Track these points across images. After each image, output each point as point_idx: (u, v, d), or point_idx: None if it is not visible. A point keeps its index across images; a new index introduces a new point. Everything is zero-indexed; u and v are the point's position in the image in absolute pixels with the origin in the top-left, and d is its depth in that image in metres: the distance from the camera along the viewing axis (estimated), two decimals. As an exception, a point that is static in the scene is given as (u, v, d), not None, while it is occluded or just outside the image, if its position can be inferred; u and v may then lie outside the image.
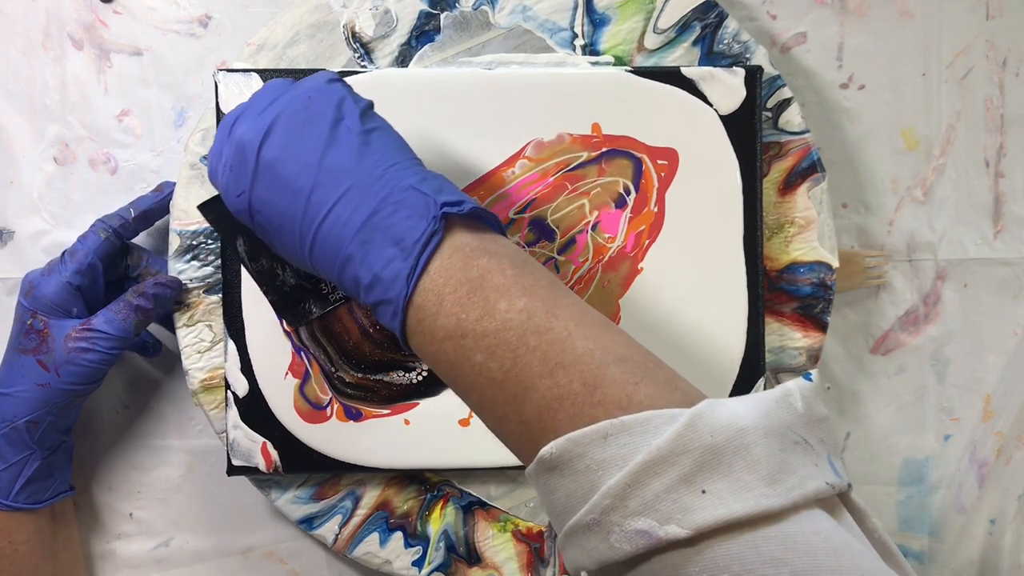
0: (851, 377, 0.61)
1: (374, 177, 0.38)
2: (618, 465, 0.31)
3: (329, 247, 0.38)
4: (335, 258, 0.38)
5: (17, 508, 0.51)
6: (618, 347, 0.34)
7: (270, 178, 0.39)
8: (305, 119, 0.39)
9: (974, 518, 0.61)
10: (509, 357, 0.34)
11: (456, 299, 0.36)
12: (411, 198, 0.37)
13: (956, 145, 0.60)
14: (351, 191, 0.38)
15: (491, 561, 0.56)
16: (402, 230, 0.37)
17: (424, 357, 0.38)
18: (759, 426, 0.30)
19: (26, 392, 0.50)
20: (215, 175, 0.41)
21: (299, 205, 0.38)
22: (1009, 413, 0.61)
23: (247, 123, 0.40)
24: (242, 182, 0.39)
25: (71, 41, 0.58)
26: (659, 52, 0.56)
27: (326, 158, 0.38)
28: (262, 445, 0.54)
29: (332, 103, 0.40)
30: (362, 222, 0.37)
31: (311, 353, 0.54)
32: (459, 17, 0.55)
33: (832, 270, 0.56)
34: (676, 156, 0.54)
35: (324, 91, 0.40)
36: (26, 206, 0.58)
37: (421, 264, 0.36)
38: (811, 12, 0.59)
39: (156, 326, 0.58)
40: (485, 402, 0.36)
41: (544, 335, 0.34)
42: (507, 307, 0.35)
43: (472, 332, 0.35)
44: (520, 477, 0.57)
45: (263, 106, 0.40)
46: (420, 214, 0.37)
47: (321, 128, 0.39)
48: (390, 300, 0.37)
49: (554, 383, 0.33)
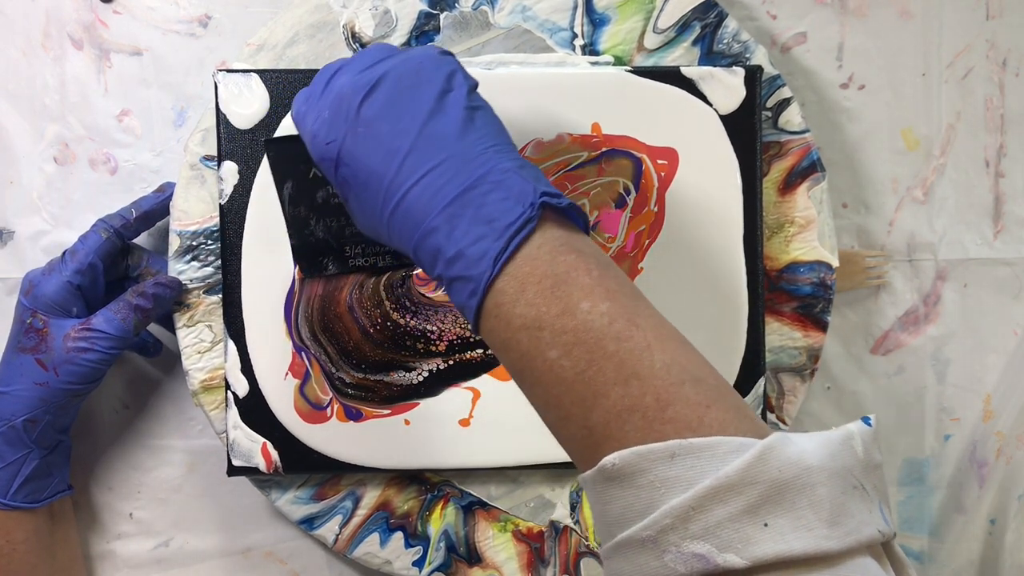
0: (851, 377, 0.61)
1: (474, 153, 0.37)
2: (682, 486, 0.31)
3: (414, 213, 0.37)
4: (418, 225, 0.37)
5: (15, 507, 0.51)
6: (693, 366, 0.34)
7: (367, 133, 0.38)
8: (413, 83, 0.39)
9: (974, 518, 0.61)
10: (585, 359, 0.34)
11: (539, 290, 0.35)
12: (510, 180, 0.37)
13: (956, 145, 0.60)
14: (448, 162, 0.37)
15: (491, 561, 0.56)
16: (496, 211, 0.36)
17: (493, 342, 0.37)
18: (825, 467, 0.31)
19: (24, 391, 0.50)
20: (302, 119, 0.41)
21: (391, 165, 0.38)
22: (1009, 413, 0.61)
23: (350, 75, 0.39)
24: (335, 131, 0.39)
25: (71, 41, 0.58)
26: (659, 52, 0.56)
27: (429, 125, 0.38)
28: (262, 445, 0.54)
29: (443, 73, 0.39)
30: (455, 195, 0.36)
31: (311, 353, 0.54)
32: (459, 17, 0.55)
33: (832, 269, 0.56)
34: (676, 156, 0.54)
35: (436, 60, 0.40)
36: (26, 206, 0.58)
37: (512, 248, 0.35)
38: (811, 12, 0.59)
39: (156, 326, 0.58)
40: (550, 398, 0.35)
41: (623, 342, 0.34)
42: (589, 307, 0.34)
43: (550, 327, 0.34)
44: (520, 477, 0.57)
45: (369, 63, 0.40)
46: (517, 198, 0.36)
47: (428, 95, 0.38)
48: (471, 278, 0.36)
49: (627, 393, 0.33)
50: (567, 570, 0.57)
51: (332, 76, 0.41)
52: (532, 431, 0.54)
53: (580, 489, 0.57)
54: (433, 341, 0.54)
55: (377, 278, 0.54)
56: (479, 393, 0.54)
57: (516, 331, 0.35)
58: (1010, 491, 0.61)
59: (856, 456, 0.32)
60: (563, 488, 0.57)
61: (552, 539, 0.57)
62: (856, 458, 0.32)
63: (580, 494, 0.57)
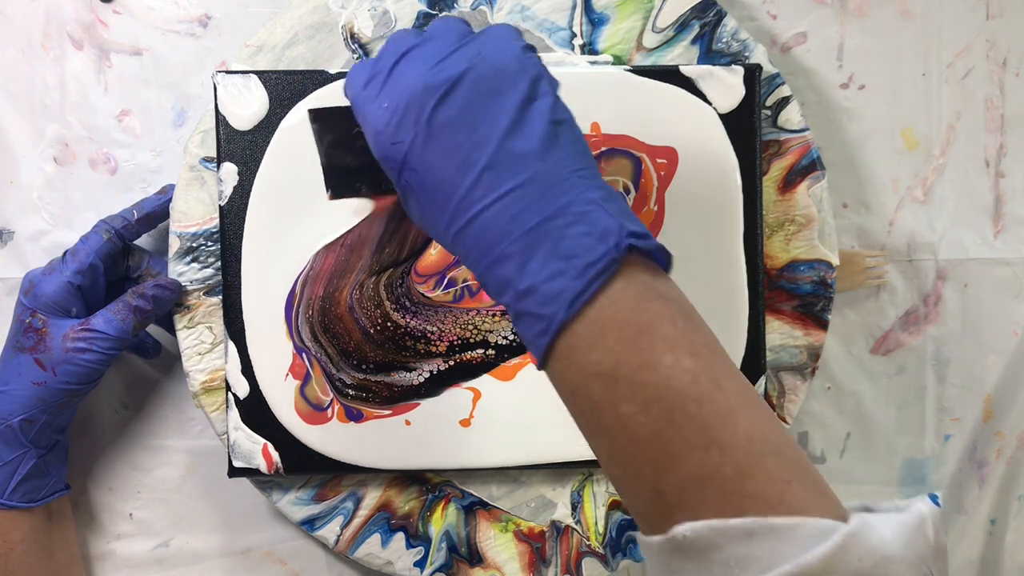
0: (851, 377, 0.61)
1: (558, 177, 0.34)
2: (759, 568, 0.29)
3: (486, 236, 0.34)
4: (489, 250, 0.34)
5: (12, 507, 0.51)
6: (774, 436, 0.32)
7: (440, 141, 0.35)
8: (494, 87, 0.35)
9: (974, 518, 0.61)
10: (664, 418, 0.31)
11: (619, 338, 0.32)
12: (595, 214, 0.33)
13: (956, 145, 0.60)
14: (529, 185, 0.34)
15: (493, 561, 0.56)
16: (577, 247, 0.33)
17: (560, 384, 0.35)
18: (903, 557, 0.30)
19: (22, 390, 0.50)
20: (363, 102, 0.36)
21: (465, 180, 0.34)
22: (1009, 413, 0.61)
23: (422, 69, 0.35)
24: (403, 132, 0.35)
25: (71, 41, 0.58)
26: (658, 51, 0.56)
27: (509, 138, 0.34)
28: (263, 447, 0.54)
29: (528, 77, 0.35)
30: (534, 224, 0.33)
31: (312, 354, 0.54)
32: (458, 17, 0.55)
33: (832, 268, 0.56)
34: (675, 155, 0.54)
35: (521, 61, 0.36)
36: (26, 206, 0.58)
37: (592, 291, 0.33)
38: (811, 12, 0.59)
39: (156, 328, 0.58)
40: (619, 453, 0.33)
41: (705, 404, 0.31)
42: (672, 363, 0.32)
43: (628, 379, 0.32)
44: (521, 477, 0.57)
45: (444, 52, 0.35)
46: (601, 235, 0.33)
47: (511, 102, 0.35)
48: (543, 316, 0.33)
49: (706, 460, 0.31)
50: (568, 570, 0.57)
51: (401, 59, 0.36)
52: (533, 431, 0.54)
53: (581, 489, 0.57)
54: (433, 342, 0.54)
55: (377, 278, 0.54)
56: (480, 393, 0.54)
57: (588, 378, 0.33)
58: (1010, 491, 0.61)
59: (928, 542, 0.31)
60: (564, 488, 0.57)
61: (553, 539, 0.57)
62: (928, 544, 0.31)
63: (581, 494, 0.57)
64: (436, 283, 0.54)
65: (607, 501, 0.57)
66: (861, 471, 0.61)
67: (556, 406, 0.54)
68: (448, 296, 0.54)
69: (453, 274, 0.54)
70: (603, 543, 0.57)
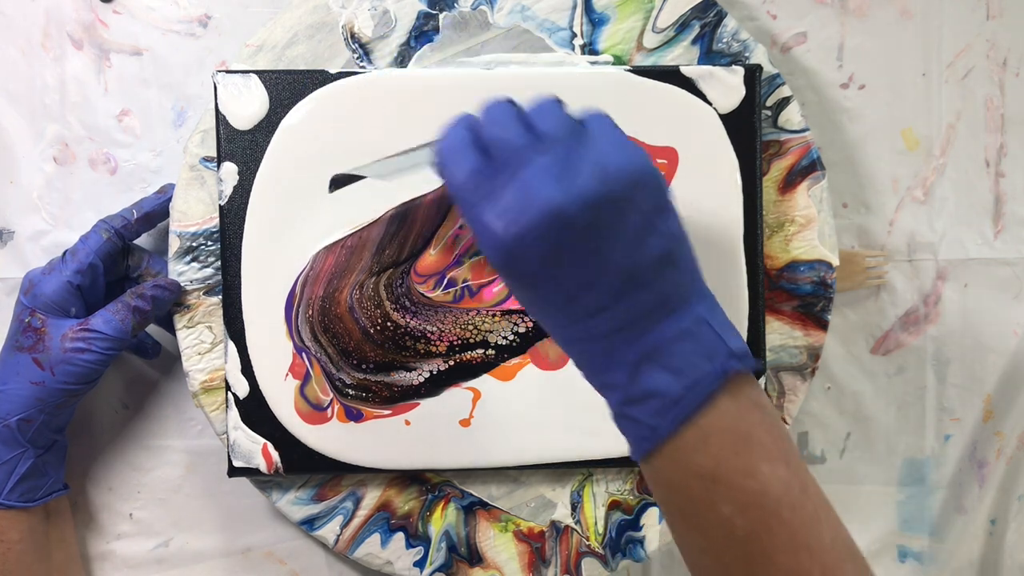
0: (851, 377, 0.61)
1: (673, 292, 0.35)
2: None
3: (599, 345, 0.36)
4: (600, 358, 0.36)
5: (10, 506, 0.51)
6: (850, 540, 0.35)
7: (564, 259, 0.34)
8: (622, 207, 0.34)
9: (974, 518, 0.61)
10: (759, 521, 0.33)
11: (722, 445, 0.34)
12: (703, 332, 0.35)
13: (956, 145, 0.60)
14: (646, 300, 0.35)
15: (492, 561, 0.56)
16: (685, 363, 0.35)
17: (657, 478, 0.37)
18: None
19: (20, 390, 0.50)
20: (473, 204, 0.35)
21: (585, 295, 0.35)
22: (1009, 413, 0.61)
23: (550, 186, 0.33)
24: (528, 251, 0.34)
25: (71, 41, 0.58)
26: (658, 51, 0.56)
27: (632, 256, 0.35)
28: (263, 446, 0.54)
29: (655, 197, 0.36)
30: (649, 338, 0.35)
31: (312, 354, 0.54)
32: (458, 17, 0.55)
33: (832, 268, 0.56)
34: (676, 155, 0.54)
35: (643, 171, 0.35)
36: (26, 206, 0.58)
37: (695, 406, 0.35)
38: (811, 12, 0.59)
39: (156, 328, 0.58)
40: (712, 549, 0.35)
41: (797, 511, 0.34)
42: (769, 471, 0.34)
43: (728, 482, 0.34)
44: (522, 477, 0.57)
45: (565, 162, 0.34)
46: (708, 354, 0.35)
47: (637, 221, 0.35)
48: (650, 425, 0.35)
49: (796, 563, 0.33)
50: (568, 570, 0.57)
51: (519, 166, 0.34)
52: (532, 431, 0.54)
53: (581, 489, 0.57)
54: (433, 342, 0.54)
55: (377, 278, 0.54)
56: (479, 393, 0.54)
57: (690, 478, 0.35)
58: (1010, 491, 0.61)
59: None
60: (564, 488, 0.57)
61: (553, 539, 0.57)
62: None
63: (581, 494, 0.57)
64: (436, 283, 0.54)
65: (607, 501, 0.57)
66: (861, 471, 0.61)
67: (556, 406, 0.55)
68: (448, 296, 0.54)
69: (453, 274, 0.54)
70: (603, 543, 0.57)
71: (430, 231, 0.54)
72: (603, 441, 0.55)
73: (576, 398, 0.54)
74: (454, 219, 0.54)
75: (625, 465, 0.56)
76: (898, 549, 0.62)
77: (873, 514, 0.61)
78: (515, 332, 0.54)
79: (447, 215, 0.54)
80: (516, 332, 0.54)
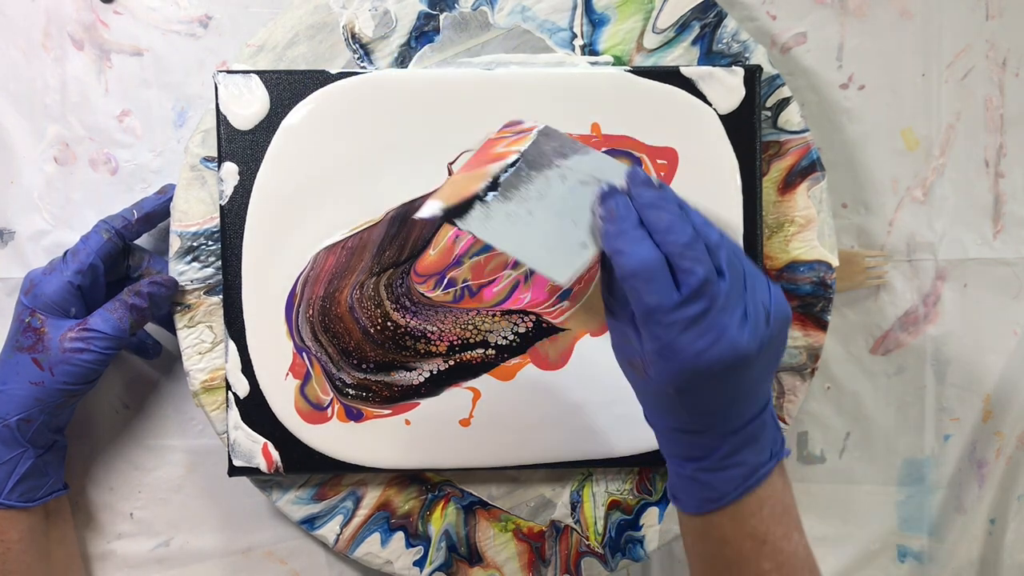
0: (851, 377, 0.61)
1: (762, 389, 0.42)
2: None
3: (702, 435, 0.41)
4: (695, 440, 0.42)
5: (10, 506, 0.51)
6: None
7: (739, 375, 0.40)
8: (779, 342, 0.41)
9: (974, 518, 0.61)
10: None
11: (772, 512, 0.42)
12: (768, 424, 0.42)
13: (956, 145, 0.60)
14: (757, 404, 0.42)
15: (492, 561, 0.56)
16: (763, 444, 0.42)
17: (709, 534, 0.43)
18: None
19: (19, 390, 0.50)
20: (668, 325, 0.38)
21: (732, 395, 0.40)
22: (1009, 413, 0.61)
23: (739, 330, 0.38)
24: (703, 378, 0.39)
25: (71, 41, 0.58)
26: (658, 52, 0.56)
27: (769, 374, 0.42)
28: (263, 446, 0.54)
29: (785, 328, 0.42)
30: (746, 429, 0.41)
31: (312, 354, 0.54)
32: (458, 18, 0.55)
33: (832, 269, 0.56)
34: (676, 156, 0.54)
35: (785, 310, 0.41)
36: (26, 206, 0.58)
37: (762, 479, 0.42)
38: (811, 12, 0.59)
39: (157, 328, 0.58)
40: None
41: (815, 571, 0.43)
42: (799, 537, 0.43)
43: (773, 544, 0.42)
44: (521, 477, 0.57)
45: (745, 305, 0.39)
46: (773, 438, 0.43)
47: (783, 345, 0.42)
48: (718, 488, 0.42)
49: None
50: (568, 570, 0.57)
51: (712, 302, 0.38)
52: (532, 431, 0.55)
53: (580, 489, 0.57)
54: (433, 341, 0.54)
55: (377, 278, 0.54)
56: (479, 393, 0.54)
57: (744, 537, 0.42)
58: (1010, 491, 0.61)
59: None
60: (563, 488, 0.57)
61: (553, 539, 0.57)
62: None
63: (580, 494, 0.57)
64: (436, 283, 0.54)
65: (606, 501, 0.57)
66: (861, 471, 0.61)
67: (555, 406, 0.55)
68: (448, 296, 0.54)
69: (453, 274, 0.54)
70: (602, 543, 0.57)
71: (430, 232, 0.54)
72: (603, 441, 0.55)
73: (576, 398, 0.54)
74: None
75: (624, 465, 0.56)
76: (898, 549, 0.62)
77: (873, 514, 0.61)
78: (515, 332, 0.54)
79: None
80: (516, 332, 0.54)
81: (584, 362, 0.54)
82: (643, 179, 0.41)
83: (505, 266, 0.54)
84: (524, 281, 0.54)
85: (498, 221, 0.43)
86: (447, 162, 0.53)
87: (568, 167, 0.43)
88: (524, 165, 0.43)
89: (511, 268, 0.54)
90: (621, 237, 0.39)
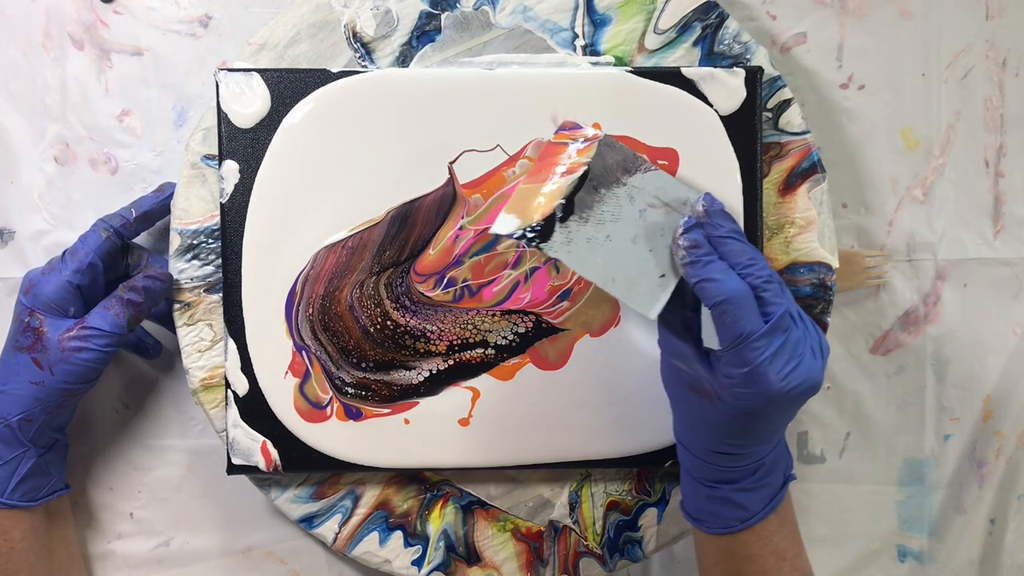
0: (851, 377, 0.61)
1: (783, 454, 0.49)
2: None
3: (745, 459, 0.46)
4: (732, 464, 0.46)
5: (12, 506, 0.51)
6: None
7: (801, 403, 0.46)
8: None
9: (973, 518, 0.61)
10: None
11: (790, 531, 0.48)
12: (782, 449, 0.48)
13: (956, 145, 0.60)
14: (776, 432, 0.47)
15: (490, 560, 0.56)
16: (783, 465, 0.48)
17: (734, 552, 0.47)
18: None
19: (20, 390, 0.50)
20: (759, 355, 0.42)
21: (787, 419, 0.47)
22: (1009, 413, 0.61)
23: (812, 358, 0.44)
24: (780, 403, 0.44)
25: (71, 41, 0.58)
26: (659, 52, 0.56)
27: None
28: (262, 444, 0.54)
29: None
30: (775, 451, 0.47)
31: (312, 352, 0.54)
32: (460, 17, 0.55)
33: (832, 270, 0.56)
34: (676, 156, 0.54)
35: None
36: (27, 206, 0.58)
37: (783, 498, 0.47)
38: (811, 12, 0.59)
39: (157, 326, 0.58)
40: None
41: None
42: (805, 556, 0.48)
43: (791, 561, 0.47)
44: (520, 477, 0.57)
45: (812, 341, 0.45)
46: (782, 467, 0.48)
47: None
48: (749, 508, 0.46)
49: None
50: (566, 570, 0.57)
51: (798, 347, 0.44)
52: (531, 431, 0.55)
53: (579, 489, 0.57)
54: (433, 341, 0.54)
55: (377, 277, 0.54)
56: (479, 393, 0.54)
57: (768, 554, 0.46)
58: (1010, 491, 0.61)
59: None
60: (562, 488, 0.57)
61: (551, 539, 0.57)
62: None
63: (579, 494, 0.57)
64: (436, 283, 0.54)
65: (605, 501, 0.57)
66: (861, 471, 0.61)
67: (555, 406, 0.55)
68: (448, 296, 0.54)
69: (453, 274, 0.54)
70: (601, 543, 0.57)
71: (431, 231, 0.54)
72: (601, 441, 0.55)
73: (575, 398, 0.54)
74: (454, 220, 0.54)
75: (623, 466, 0.56)
76: (898, 549, 0.62)
77: (873, 514, 0.61)
78: (515, 332, 0.54)
79: (447, 216, 0.54)
80: (516, 332, 0.54)
81: (583, 362, 0.54)
82: (720, 209, 0.45)
83: (505, 266, 0.54)
84: (524, 281, 0.54)
85: (579, 246, 0.44)
86: (448, 161, 0.53)
87: (634, 187, 0.45)
88: (593, 181, 0.44)
89: (511, 268, 0.54)
90: (709, 267, 0.43)
